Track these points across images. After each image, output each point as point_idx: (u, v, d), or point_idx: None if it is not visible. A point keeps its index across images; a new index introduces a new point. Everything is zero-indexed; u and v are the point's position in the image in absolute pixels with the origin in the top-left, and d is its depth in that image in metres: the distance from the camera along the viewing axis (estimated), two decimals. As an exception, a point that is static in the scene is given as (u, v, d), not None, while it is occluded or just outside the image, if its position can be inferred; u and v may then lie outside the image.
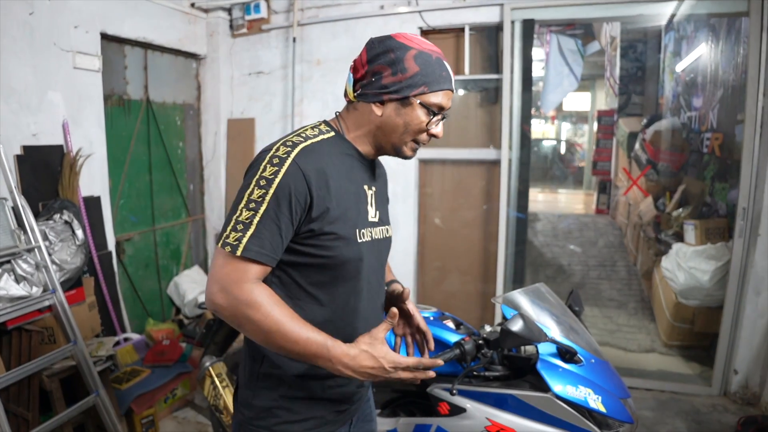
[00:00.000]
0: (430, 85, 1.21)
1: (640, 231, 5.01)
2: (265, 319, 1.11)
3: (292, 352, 1.13)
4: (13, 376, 2.36)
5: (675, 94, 5.13)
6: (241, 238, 1.12)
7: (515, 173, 3.75)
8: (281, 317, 1.12)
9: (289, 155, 1.16)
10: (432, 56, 1.22)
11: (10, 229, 2.54)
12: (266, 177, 1.14)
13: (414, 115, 1.23)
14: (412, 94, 1.21)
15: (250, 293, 1.12)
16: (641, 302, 4.70)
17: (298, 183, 1.14)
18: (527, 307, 1.79)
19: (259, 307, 1.11)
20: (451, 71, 1.27)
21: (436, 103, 1.23)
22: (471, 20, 3.71)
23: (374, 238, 1.33)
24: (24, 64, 2.91)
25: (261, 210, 1.13)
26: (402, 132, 1.25)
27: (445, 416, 1.72)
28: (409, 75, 1.20)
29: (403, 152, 1.30)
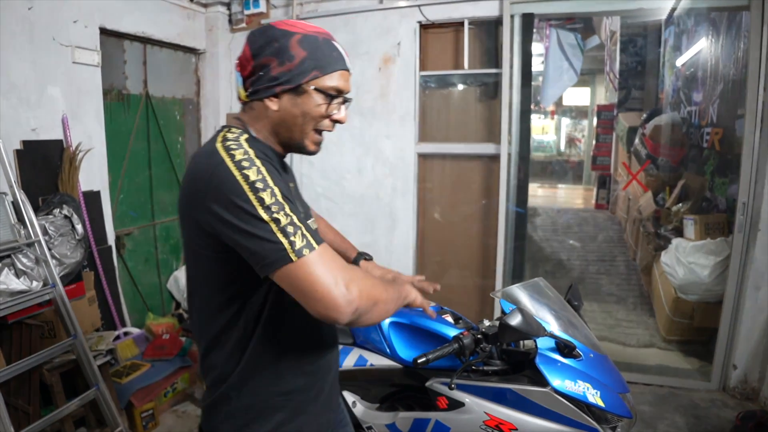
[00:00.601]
0: (323, 69, 1.16)
1: (639, 226, 5.01)
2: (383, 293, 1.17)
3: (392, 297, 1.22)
4: (14, 370, 2.37)
5: (675, 88, 5.12)
6: (304, 234, 1.03)
7: (514, 168, 3.75)
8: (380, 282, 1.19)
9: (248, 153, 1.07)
10: (318, 38, 1.17)
11: (10, 224, 2.55)
12: (257, 179, 1.04)
13: (311, 102, 1.17)
14: (304, 81, 1.15)
15: (355, 270, 1.11)
16: (640, 297, 4.71)
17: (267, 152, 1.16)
18: (526, 301, 1.79)
19: (362, 281, 1.09)
20: (343, 51, 1.21)
21: (333, 86, 1.18)
22: (470, 14, 3.70)
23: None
24: (23, 59, 2.91)
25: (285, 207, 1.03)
26: (302, 123, 1.19)
27: (444, 410, 1.73)
28: (297, 62, 1.14)
29: (306, 147, 1.24)
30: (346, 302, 1.02)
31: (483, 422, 1.64)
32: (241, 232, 1.02)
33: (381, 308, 1.13)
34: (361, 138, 4.10)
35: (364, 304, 1.06)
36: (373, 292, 1.09)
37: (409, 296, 1.35)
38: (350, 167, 4.16)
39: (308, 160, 4.26)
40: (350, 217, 4.20)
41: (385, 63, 3.95)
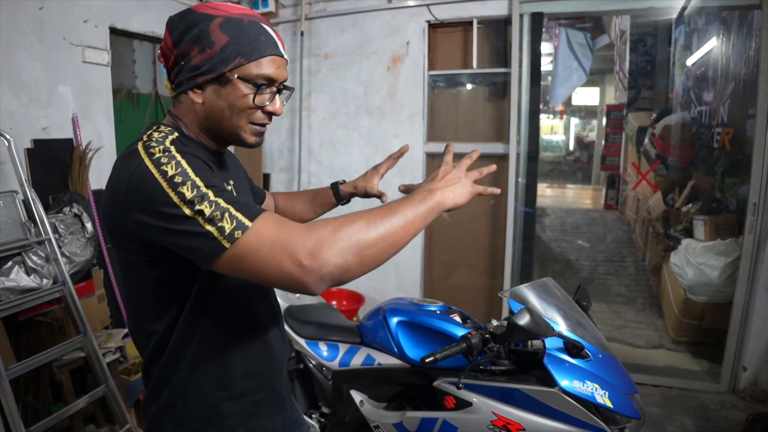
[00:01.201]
0: (247, 55, 1.04)
1: (648, 226, 4.98)
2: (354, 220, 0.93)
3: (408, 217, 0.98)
4: (24, 367, 2.38)
5: (685, 88, 5.09)
6: (233, 215, 0.91)
7: (523, 168, 3.73)
8: (369, 216, 0.95)
9: (169, 150, 0.98)
10: (243, 20, 1.05)
11: (21, 222, 2.57)
12: (175, 174, 0.94)
13: (236, 92, 1.05)
14: (227, 69, 1.03)
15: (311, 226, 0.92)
16: (649, 298, 4.69)
17: (198, 152, 1.04)
18: (534, 301, 1.79)
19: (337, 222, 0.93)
20: (274, 34, 1.08)
21: (260, 74, 1.05)
22: (479, 13, 3.69)
23: None
24: (34, 59, 2.93)
25: (209, 195, 0.93)
26: (230, 116, 1.07)
27: (451, 410, 1.73)
28: (218, 48, 1.03)
29: (244, 139, 1.11)
30: (306, 273, 0.88)
31: (490, 422, 1.63)
32: (170, 233, 0.94)
33: (379, 247, 0.93)
34: (369, 137, 4.10)
35: (340, 261, 0.89)
36: (353, 239, 0.90)
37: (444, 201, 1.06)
38: (359, 166, 4.17)
39: (316, 159, 4.27)
40: (358, 216, 4.19)
41: (394, 62, 3.95)
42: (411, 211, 0.98)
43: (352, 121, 4.14)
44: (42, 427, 2.37)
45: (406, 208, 0.98)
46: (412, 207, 0.99)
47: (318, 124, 4.25)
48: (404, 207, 0.98)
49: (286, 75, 1.11)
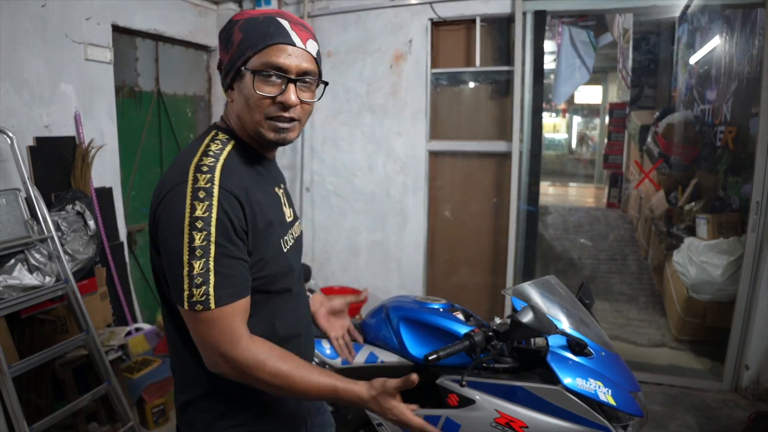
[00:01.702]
0: (254, 47, 1.06)
1: (651, 225, 4.98)
2: (273, 378, 1.08)
3: (308, 398, 1.17)
4: (27, 365, 2.39)
5: (688, 86, 5.08)
6: (207, 291, 1.01)
7: (526, 166, 3.73)
8: (288, 371, 1.09)
9: (213, 183, 1.03)
10: (259, 18, 1.07)
11: (24, 220, 2.57)
12: (201, 217, 1.00)
13: (248, 85, 1.07)
14: (239, 64, 1.07)
15: (250, 354, 1.06)
16: (652, 296, 4.69)
17: (234, 209, 1.04)
18: (537, 299, 1.78)
19: (263, 368, 1.07)
20: (288, 26, 1.07)
21: (265, 62, 1.05)
22: (482, 11, 3.69)
23: (295, 237, 1.29)
24: (36, 56, 2.93)
25: (211, 253, 1.01)
26: (249, 111, 1.10)
27: (454, 408, 1.72)
28: (235, 46, 1.08)
29: (264, 135, 1.12)
30: (214, 369, 1.09)
31: (493, 420, 1.63)
32: (166, 259, 1.05)
33: (270, 390, 1.12)
34: (372, 135, 4.10)
35: (236, 378, 1.09)
36: (258, 375, 1.08)
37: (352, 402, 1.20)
38: (361, 164, 4.17)
39: (319, 157, 4.27)
40: (361, 214, 4.20)
41: (397, 60, 3.95)
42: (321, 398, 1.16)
43: (354, 119, 4.14)
44: (45, 424, 2.37)
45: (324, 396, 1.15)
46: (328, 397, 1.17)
47: (321, 122, 4.24)
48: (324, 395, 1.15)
49: (302, 65, 1.08)
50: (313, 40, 1.12)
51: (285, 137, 1.13)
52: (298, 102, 1.09)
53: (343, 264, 4.32)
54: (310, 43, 1.10)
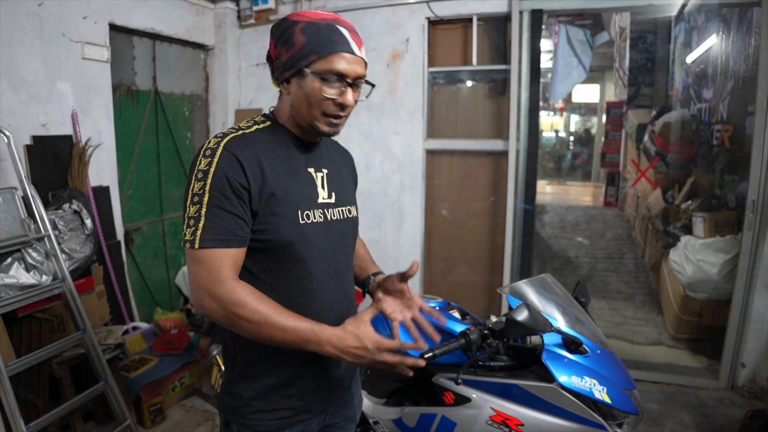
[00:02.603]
0: (320, 52, 1.19)
1: (648, 223, 4.99)
2: (252, 315, 1.14)
3: (284, 341, 1.17)
4: (24, 363, 2.39)
5: (685, 85, 5.09)
6: (195, 232, 1.15)
7: (522, 164, 3.73)
8: (267, 310, 1.15)
9: (219, 144, 1.19)
10: (321, 24, 1.21)
11: (20, 219, 2.57)
12: (202, 169, 1.17)
13: (310, 86, 1.21)
14: (303, 65, 1.20)
15: (233, 292, 1.15)
16: (649, 295, 4.70)
17: (232, 167, 1.17)
18: (533, 297, 1.79)
19: (245, 305, 1.14)
20: (348, 35, 1.22)
21: (329, 69, 1.20)
22: (479, 10, 3.69)
23: (329, 219, 1.35)
24: (33, 55, 2.93)
25: (204, 201, 1.16)
26: (307, 106, 1.24)
27: (450, 406, 1.73)
28: (298, 48, 1.20)
29: (317, 127, 1.27)
30: (199, 306, 1.18)
31: (489, 418, 1.64)
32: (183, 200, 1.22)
33: (250, 330, 1.16)
34: (369, 134, 4.10)
35: (219, 316, 1.16)
36: (244, 321, 1.15)
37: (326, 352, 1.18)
38: (358, 163, 4.10)
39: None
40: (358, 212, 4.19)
41: (394, 59, 3.95)
42: (299, 341, 1.16)
43: (351, 117, 4.07)
44: (41, 423, 2.37)
45: (302, 338, 1.16)
46: (305, 340, 1.16)
47: (318, 121, 4.23)
48: (302, 337, 1.16)
49: (358, 71, 1.23)
50: (363, 46, 1.26)
51: (336, 130, 1.31)
52: (355, 104, 1.27)
53: (341, 262, 4.30)
54: (363, 50, 1.25)
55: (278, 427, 1.34)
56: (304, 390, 1.35)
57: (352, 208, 1.46)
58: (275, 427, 1.34)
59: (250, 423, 1.33)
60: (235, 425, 1.36)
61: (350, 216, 1.44)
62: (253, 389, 1.33)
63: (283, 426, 1.35)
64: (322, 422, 1.46)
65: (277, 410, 1.33)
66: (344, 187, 1.46)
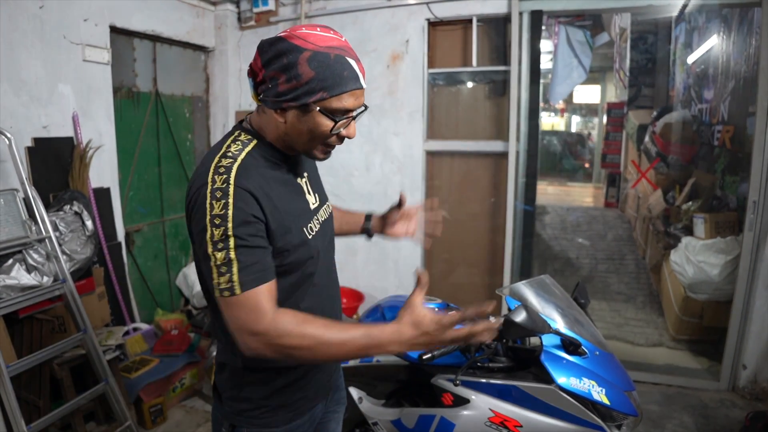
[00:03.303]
0: (330, 90, 1.11)
1: (649, 224, 4.98)
2: (302, 341, 1.09)
3: (345, 355, 1.13)
4: (25, 364, 2.40)
5: (686, 86, 5.08)
6: (231, 278, 1.09)
7: (522, 165, 3.73)
8: (315, 331, 1.10)
9: (228, 183, 1.11)
10: (330, 56, 1.11)
11: (22, 220, 2.58)
12: (218, 214, 1.10)
13: (316, 122, 1.15)
14: (310, 101, 1.12)
15: (275, 324, 1.10)
16: (650, 296, 4.69)
17: (248, 204, 1.12)
18: (532, 298, 1.79)
19: (290, 333, 1.10)
20: (356, 67, 1.14)
21: (340, 108, 1.14)
22: (479, 11, 3.69)
23: (321, 221, 1.36)
24: (34, 57, 2.93)
25: (231, 245, 1.09)
26: (308, 139, 1.19)
27: (449, 407, 1.73)
28: (304, 81, 1.10)
29: (314, 156, 1.25)
30: (249, 350, 1.12)
31: (488, 419, 1.64)
32: (197, 254, 1.16)
33: (306, 356, 1.12)
34: (369, 135, 4.11)
35: (271, 354, 1.11)
36: (295, 352, 1.10)
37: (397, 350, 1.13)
38: (358, 164, 4.17)
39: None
40: (358, 214, 4.19)
41: (394, 60, 3.95)
42: (358, 349, 1.11)
43: (352, 119, 4.13)
44: (42, 424, 2.38)
45: (360, 346, 1.11)
46: (365, 347, 1.11)
47: (318, 122, 4.24)
48: (360, 344, 1.11)
49: (362, 101, 1.19)
50: None
51: (328, 157, 1.27)
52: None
53: (341, 263, 4.26)
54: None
55: (291, 420, 1.35)
56: (314, 378, 1.37)
57: (329, 202, 1.47)
58: (289, 420, 1.35)
59: (266, 422, 1.33)
60: (245, 427, 1.34)
61: (329, 210, 1.45)
62: (266, 390, 1.31)
63: (296, 416, 1.36)
64: (324, 407, 1.49)
65: (293, 402, 1.35)
66: (320, 185, 1.46)
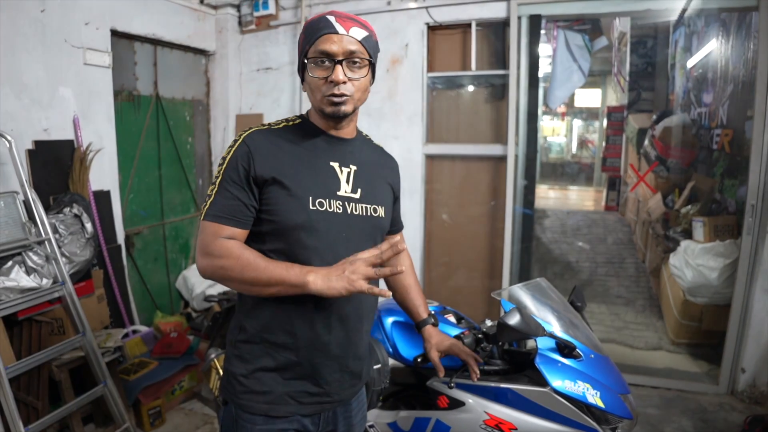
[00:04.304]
0: (309, 41, 1.29)
1: (649, 228, 4.98)
2: (237, 261, 1.24)
3: (267, 279, 1.23)
4: (24, 366, 2.41)
5: (685, 89, 5.08)
6: (205, 206, 1.30)
7: (521, 169, 3.74)
8: (251, 255, 1.26)
9: (241, 136, 1.33)
10: (315, 19, 1.31)
11: (21, 222, 2.59)
12: (224, 156, 1.32)
13: (309, 73, 1.30)
14: (303, 59, 1.32)
15: (220, 245, 1.26)
16: (649, 299, 4.68)
17: (242, 155, 1.29)
18: (527, 301, 1.80)
19: (230, 254, 1.25)
20: (334, 19, 1.28)
21: (317, 51, 1.27)
22: (478, 16, 3.71)
23: (350, 212, 1.36)
24: (36, 61, 2.95)
25: (217, 182, 1.30)
26: (312, 94, 1.33)
27: (444, 410, 1.74)
28: (300, 47, 1.34)
29: (323, 110, 1.33)
30: (198, 268, 1.33)
31: (483, 422, 1.64)
32: None
33: (236, 285, 1.29)
34: (368, 139, 4.11)
35: (210, 272, 1.29)
36: (223, 274, 1.27)
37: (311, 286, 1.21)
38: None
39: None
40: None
41: (393, 64, 3.97)
42: (277, 279, 1.23)
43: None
44: (40, 425, 2.39)
45: (277, 275, 1.23)
46: (282, 277, 1.23)
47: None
48: (277, 273, 1.23)
49: (347, 47, 1.27)
50: (360, 28, 1.30)
51: (339, 109, 1.31)
52: (345, 79, 1.28)
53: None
54: (353, 30, 1.29)
55: (267, 412, 1.35)
56: (297, 377, 1.36)
57: (379, 207, 1.44)
58: (264, 411, 1.35)
59: (243, 404, 1.36)
60: (232, 405, 1.40)
61: (375, 215, 1.43)
62: (246, 368, 1.36)
63: (273, 412, 1.35)
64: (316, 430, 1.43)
65: (268, 393, 1.35)
66: (375, 187, 1.46)
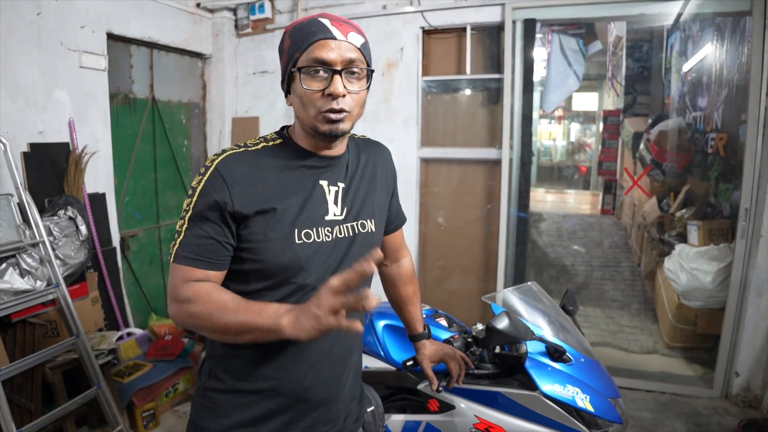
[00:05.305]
0: (300, 48, 1.11)
1: (644, 231, 4.99)
2: (205, 306, 1.08)
3: (243, 326, 1.05)
4: (17, 368, 2.41)
5: (680, 94, 5.10)
6: (174, 246, 1.14)
7: (516, 173, 3.75)
8: (222, 298, 1.09)
9: (213, 162, 1.14)
10: (304, 22, 1.13)
11: (16, 225, 2.59)
12: (193, 186, 1.14)
13: (299, 85, 1.12)
14: (291, 68, 1.14)
15: (188, 290, 1.11)
16: (644, 303, 4.69)
17: (217, 188, 1.11)
18: (517, 305, 1.81)
19: (198, 298, 1.09)
20: (329, 23, 1.12)
21: (310, 59, 1.10)
22: (473, 20, 3.72)
23: (336, 237, 1.23)
24: (31, 63, 2.96)
25: (187, 217, 1.13)
26: (303, 108, 1.14)
27: (435, 413, 1.74)
28: (286, 53, 1.16)
29: (318, 128, 1.15)
30: (169, 312, 1.16)
31: (473, 425, 1.65)
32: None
33: (205, 322, 1.10)
34: (364, 142, 4.12)
35: (180, 320, 1.13)
36: (198, 318, 1.10)
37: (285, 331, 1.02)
38: (353, 171, 4.18)
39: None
40: (353, 220, 4.21)
41: (388, 68, 3.98)
42: (249, 325, 1.05)
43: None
44: (34, 428, 2.39)
45: (249, 320, 1.05)
46: (254, 323, 1.05)
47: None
48: (249, 318, 1.05)
49: (346, 55, 1.11)
50: (357, 33, 1.15)
51: (336, 128, 1.14)
52: (346, 92, 1.12)
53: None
54: (351, 35, 1.13)
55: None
56: (276, 430, 1.24)
57: (368, 222, 1.31)
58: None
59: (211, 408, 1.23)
60: (198, 402, 1.27)
61: (363, 230, 1.29)
62: (218, 424, 1.22)
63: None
64: None
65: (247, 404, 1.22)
66: (366, 199, 1.32)
